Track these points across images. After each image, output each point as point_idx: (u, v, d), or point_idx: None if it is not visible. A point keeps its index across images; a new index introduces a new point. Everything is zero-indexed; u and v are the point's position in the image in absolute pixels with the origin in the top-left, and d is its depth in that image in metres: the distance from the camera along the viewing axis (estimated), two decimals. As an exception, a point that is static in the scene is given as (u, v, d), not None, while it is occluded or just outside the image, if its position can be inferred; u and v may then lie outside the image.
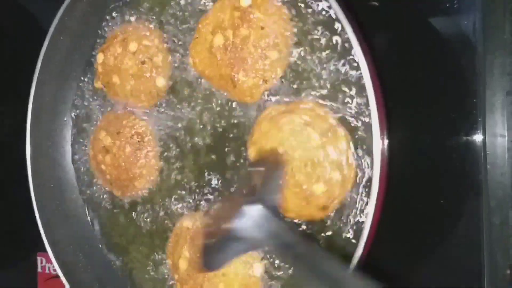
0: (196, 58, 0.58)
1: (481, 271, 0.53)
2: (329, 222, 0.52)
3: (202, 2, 0.60)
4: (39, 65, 0.67)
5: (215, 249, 0.46)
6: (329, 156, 0.49)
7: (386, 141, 0.47)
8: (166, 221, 0.64)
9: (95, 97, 0.71)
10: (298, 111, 0.51)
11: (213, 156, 0.60)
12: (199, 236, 0.57)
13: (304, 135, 0.50)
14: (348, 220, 0.51)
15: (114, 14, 0.68)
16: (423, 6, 0.59)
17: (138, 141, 0.65)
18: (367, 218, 0.45)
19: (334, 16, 0.50)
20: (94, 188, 0.71)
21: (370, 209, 0.45)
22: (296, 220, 0.53)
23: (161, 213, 0.64)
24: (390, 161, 0.47)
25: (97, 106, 0.71)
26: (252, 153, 0.55)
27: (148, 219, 0.66)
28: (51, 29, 0.66)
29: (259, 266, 0.54)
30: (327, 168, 0.49)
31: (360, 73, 0.46)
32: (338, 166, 0.49)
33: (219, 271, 0.54)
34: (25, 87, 0.68)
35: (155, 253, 0.65)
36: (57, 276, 0.65)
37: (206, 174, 0.60)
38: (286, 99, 0.54)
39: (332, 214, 0.51)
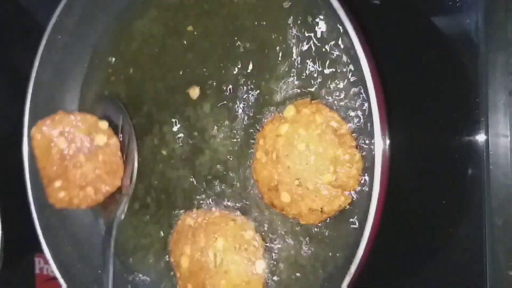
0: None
1: (484, 272, 0.52)
2: (329, 224, 0.51)
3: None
4: (37, 64, 0.67)
5: None
6: (329, 156, 0.48)
7: (387, 141, 0.47)
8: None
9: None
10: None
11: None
12: (200, 233, 0.57)
13: (304, 135, 0.49)
14: (349, 222, 0.50)
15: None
16: (425, 5, 0.59)
17: None
18: (368, 219, 0.45)
19: (334, 15, 0.50)
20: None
21: (372, 210, 0.45)
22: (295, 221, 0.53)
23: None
24: (391, 161, 0.47)
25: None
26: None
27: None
28: (49, 28, 0.66)
29: (261, 263, 0.54)
30: (328, 168, 0.49)
31: (361, 73, 0.46)
32: (339, 166, 0.49)
33: (221, 268, 0.54)
34: (22, 87, 0.68)
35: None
36: (55, 278, 0.65)
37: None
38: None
39: (332, 216, 0.51)
